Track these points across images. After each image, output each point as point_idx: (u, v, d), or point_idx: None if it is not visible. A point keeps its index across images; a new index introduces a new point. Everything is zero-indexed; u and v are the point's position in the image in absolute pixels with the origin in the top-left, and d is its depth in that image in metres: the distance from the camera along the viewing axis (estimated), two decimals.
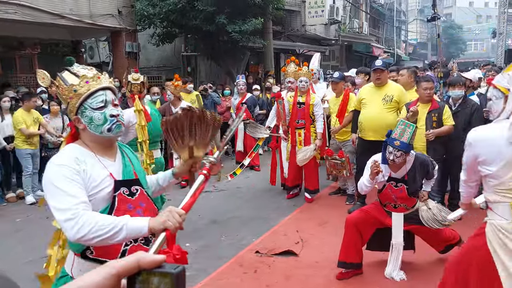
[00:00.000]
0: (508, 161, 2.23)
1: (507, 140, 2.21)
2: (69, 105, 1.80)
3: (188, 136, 1.87)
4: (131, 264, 0.63)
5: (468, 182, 2.60)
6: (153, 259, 0.64)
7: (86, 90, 1.76)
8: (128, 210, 1.75)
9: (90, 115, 1.76)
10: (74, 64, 1.88)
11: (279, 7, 13.46)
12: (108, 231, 1.56)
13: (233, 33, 11.32)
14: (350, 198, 5.89)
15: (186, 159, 1.92)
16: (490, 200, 2.38)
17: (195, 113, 1.85)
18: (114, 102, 1.82)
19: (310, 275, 3.80)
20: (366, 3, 26.18)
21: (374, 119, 5.09)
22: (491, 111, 2.50)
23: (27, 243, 4.93)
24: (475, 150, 2.36)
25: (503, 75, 2.38)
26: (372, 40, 25.07)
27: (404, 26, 38.17)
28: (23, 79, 10.53)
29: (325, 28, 19.14)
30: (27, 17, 8.16)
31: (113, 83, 1.91)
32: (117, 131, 1.80)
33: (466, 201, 2.78)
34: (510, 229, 2.26)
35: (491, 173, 2.29)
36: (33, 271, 2.51)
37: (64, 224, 1.59)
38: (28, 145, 6.52)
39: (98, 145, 1.81)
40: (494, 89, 2.45)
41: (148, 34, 13.01)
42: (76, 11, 9.03)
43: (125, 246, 1.74)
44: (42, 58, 10.92)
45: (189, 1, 11.12)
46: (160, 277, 0.62)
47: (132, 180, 1.84)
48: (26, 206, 6.46)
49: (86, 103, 1.77)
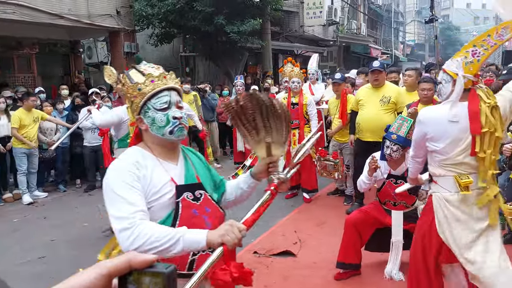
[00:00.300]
0: (453, 139, 2.49)
1: (449, 120, 2.48)
2: (133, 104, 1.73)
3: (264, 131, 1.75)
4: (122, 264, 0.62)
5: (416, 157, 2.82)
6: (144, 259, 0.63)
7: (150, 90, 1.69)
8: (194, 216, 1.66)
9: (153, 116, 1.69)
10: (142, 62, 1.82)
11: (278, 8, 13.46)
12: (163, 243, 1.47)
13: (232, 33, 11.31)
14: (348, 198, 5.90)
15: (264, 157, 1.79)
16: (436, 174, 2.61)
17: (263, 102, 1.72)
18: (179, 104, 1.74)
19: (308, 275, 3.80)
20: (364, 5, 26.23)
21: (372, 120, 5.09)
22: (440, 94, 2.69)
23: (24, 243, 4.92)
24: (425, 128, 2.59)
25: (452, 61, 2.56)
26: (370, 41, 25.10)
27: (402, 27, 38.26)
28: (21, 79, 10.49)
29: (323, 29, 19.16)
30: (26, 17, 8.14)
31: (179, 83, 1.83)
32: (178, 134, 1.71)
33: (414, 176, 2.99)
34: (453, 200, 2.53)
35: (439, 149, 2.54)
36: (30, 271, 2.50)
37: (119, 234, 1.51)
38: (23, 144, 6.52)
39: (160, 148, 1.73)
40: (444, 73, 2.62)
41: (147, 35, 12.99)
42: (74, 11, 9.01)
43: (193, 255, 1.66)
44: (40, 58, 10.89)
45: (188, 2, 11.11)
46: (151, 277, 0.62)
47: (195, 184, 1.75)
48: (23, 206, 6.44)
49: (149, 103, 1.70)
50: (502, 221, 4.73)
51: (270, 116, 1.74)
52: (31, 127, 6.60)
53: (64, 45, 11.66)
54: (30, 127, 6.57)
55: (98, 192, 6.12)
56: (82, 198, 6.91)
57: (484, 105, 2.45)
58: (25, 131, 6.52)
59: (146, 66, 1.76)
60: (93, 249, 4.54)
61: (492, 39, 2.43)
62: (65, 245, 4.83)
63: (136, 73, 1.74)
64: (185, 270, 1.65)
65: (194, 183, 1.75)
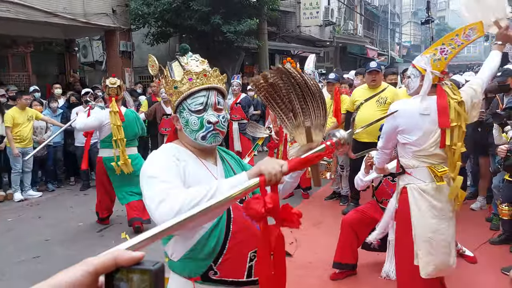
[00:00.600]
0: (425, 131, 2.63)
1: (420, 113, 2.62)
2: (171, 101, 1.61)
3: (302, 114, 1.53)
4: (108, 261, 0.61)
5: (384, 149, 2.95)
6: (131, 256, 0.62)
7: (186, 89, 1.54)
8: (245, 220, 1.50)
9: (187, 117, 1.55)
10: (187, 54, 1.65)
11: (274, 8, 13.48)
12: (204, 196, 1.27)
13: (228, 33, 11.31)
14: (344, 199, 5.91)
15: (304, 143, 1.55)
16: (410, 166, 2.74)
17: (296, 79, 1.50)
18: (218, 105, 1.56)
19: (303, 275, 3.80)
20: (360, 5, 26.29)
21: (368, 120, 5.08)
22: (408, 87, 2.86)
23: (18, 242, 4.89)
24: (396, 121, 2.71)
25: (422, 57, 2.70)
26: (366, 42, 25.17)
27: (398, 28, 38.38)
28: (15, 77, 10.44)
29: (320, 29, 19.18)
30: (21, 15, 8.09)
31: (224, 82, 1.65)
32: (211, 140, 1.55)
33: (381, 166, 3.13)
34: (428, 190, 2.66)
35: (412, 141, 2.67)
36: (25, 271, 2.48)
37: (157, 211, 1.31)
38: (18, 143, 6.48)
39: (197, 149, 1.60)
40: (413, 68, 2.77)
41: (143, 34, 12.95)
42: (70, 10, 8.97)
43: (250, 261, 1.52)
44: (35, 57, 10.84)
45: (184, 1, 11.09)
46: (138, 274, 0.61)
47: None
48: (17, 206, 6.41)
49: (185, 102, 1.55)
50: (496, 221, 4.77)
51: (306, 95, 1.52)
52: (25, 125, 6.55)
53: (59, 44, 11.61)
54: (24, 125, 6.53)
55: (92, 191, 6.09)
56: (77, 197, 6.88)
57: (452, 101, 2.60)
58: (18, 130, 6.48)
59: (190, 59, 1.61)
60: (88, 249, 4.54)
61: (459, 39, 2.56)
62: (59, 244, 4.80)
63: (177, 66, 1.61)
64: (244, 277, 1.51)
65: None
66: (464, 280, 3.68)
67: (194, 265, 1.48)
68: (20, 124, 6.48)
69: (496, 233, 4.59)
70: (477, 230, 4.74)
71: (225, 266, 1.47)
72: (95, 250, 2.41)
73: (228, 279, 1.48)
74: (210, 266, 1.47)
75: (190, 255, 1.48)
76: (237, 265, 1.49)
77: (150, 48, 13.88)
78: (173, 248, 1.52)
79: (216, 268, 1.47)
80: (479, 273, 3.85)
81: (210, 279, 1.48)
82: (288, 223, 1.30)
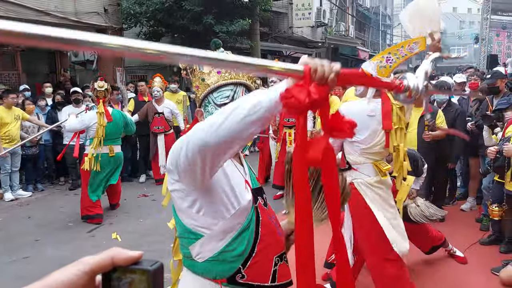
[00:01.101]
0: (372, 131, 2.88)
1: (367, 114, 2.87)
2: (196, 94, 1.55)
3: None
4: (105, 261, 0.60)
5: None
6: (129, 256, 0.61)
7: (214, 82, 1.48)
8: (271, 223, 1.48)
9: (212, 111, 1.47)
10: (219, 49, 1.60)
11: (267, 9, 13.49)
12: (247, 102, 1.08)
13: (220, 33, 11.29)
14: None
15: (292, 221, 1.53)
16: (357, 162, 2.99)
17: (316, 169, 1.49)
18: None
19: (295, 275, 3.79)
20: (352, 7, 26.41)
21: None
22: (356, 88, 3.12)
23: (8, 243, 4.83)
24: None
25: (370, 63, 2.88)
26: (358, 44, 25.28)
27: (389, 30, 38.63)
28: (5, 76, 10.31)
29: (312, 30, 19.23)
30: (11, 14, 7.99)
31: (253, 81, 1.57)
32: None
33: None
34: (374, 183, 2.94)
35: (360, 139, 2.91)
36: (14, 272, 2.45)
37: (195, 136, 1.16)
38: (7, 144, 6.39)
39: None
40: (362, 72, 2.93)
41: (134, 33, 12.87)
42: (61, 8, 8.88)
43: (275, 266, 1.49)
44: (25, 55, 10.72)
45: (176, 1, 11.06)
46: (136, 274, 0.60)
47: (261, 188, 1.57)
48: (7, 206, 6.33)
49: (211, 96, 1.50)
50: (486, 222, 4.82)
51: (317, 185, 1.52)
52: (13, 125, 6.47)
53: None
54: (12, 125, 6.45)
55: None
56: (67, 197, 6.82)
57: (394, 106, 2.87)
58: (7, 129, 6.40)
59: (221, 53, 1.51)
60: (78, 249, 4.50)
61: (404, 50, 2.71)
62: (49, 245, 4.75)
63: None
64: (269, 282, 1.48)
65: (259, 187, 1.56)
66: (454, 280, 3.71)
67: (222, 267, 1.43)
68: (8, 124, 6.40)
69: (486, 233, 4.63)
70: (467, 231, 4.79)
71: (253, 269, 1.43)
72: (86, 250, 2.40)
73: (255, 283, 1.44)
74: (238, 269, 1.43)
75: (219, 257, 1.43)
76: (264, 269, 1.46)
77: None
78: (200, 249, 1.44)
79: (244, 272, 1.43)
80: (469, 273, 3.89)
81: (236, 282, 1.43)
82: (337, 132, 1.02)
